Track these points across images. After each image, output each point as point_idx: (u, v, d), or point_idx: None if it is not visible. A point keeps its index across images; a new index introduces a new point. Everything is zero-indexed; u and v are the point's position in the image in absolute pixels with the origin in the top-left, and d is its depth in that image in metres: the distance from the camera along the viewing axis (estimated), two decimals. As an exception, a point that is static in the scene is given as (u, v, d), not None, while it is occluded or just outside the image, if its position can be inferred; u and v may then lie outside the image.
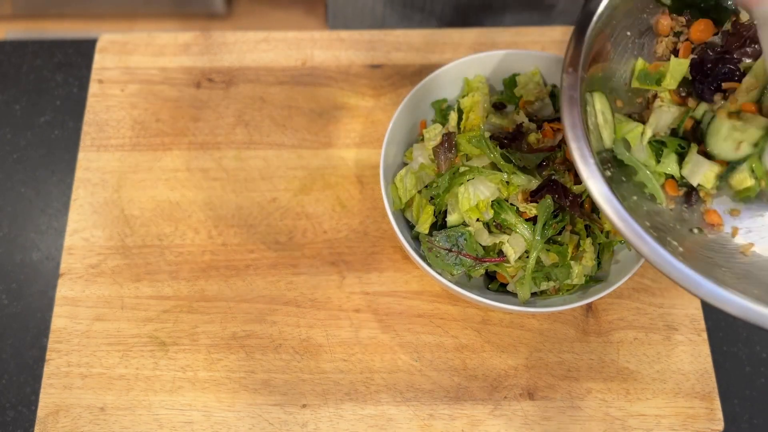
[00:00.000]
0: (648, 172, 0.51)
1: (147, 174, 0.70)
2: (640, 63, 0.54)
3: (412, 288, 0.65)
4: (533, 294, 0.60)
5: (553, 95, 0.65)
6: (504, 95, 0.66)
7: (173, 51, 0.75)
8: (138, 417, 0.60)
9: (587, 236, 0.60)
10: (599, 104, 0.52)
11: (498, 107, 0.65)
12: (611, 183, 0.45)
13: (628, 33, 0.53)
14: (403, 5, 0.83)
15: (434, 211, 0.60)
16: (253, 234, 0.67)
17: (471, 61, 0.65)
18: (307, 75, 0.74)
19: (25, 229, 0.70)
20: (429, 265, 0.58)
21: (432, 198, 0.60)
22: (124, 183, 0.69)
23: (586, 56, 0.47)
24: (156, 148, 0.71)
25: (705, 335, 0.63)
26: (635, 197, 0.50)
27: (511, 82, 0.66)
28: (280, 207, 0.68)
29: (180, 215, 0.68)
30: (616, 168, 0.51)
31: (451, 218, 0.59)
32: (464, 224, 0.59)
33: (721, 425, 0.60)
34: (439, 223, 0.60)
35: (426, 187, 0.61)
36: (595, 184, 0.45)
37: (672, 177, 0.53)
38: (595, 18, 0.48)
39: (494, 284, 0.62)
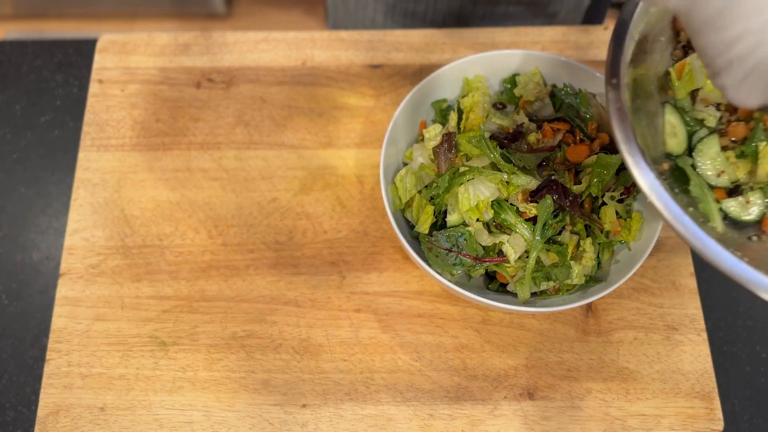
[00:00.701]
0: (706, 191, 0.51)
1: (147, 174, 0.70)
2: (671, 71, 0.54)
3: (412, 288, 0.65)
4: (533, 294, 0.60)
5: (553, 95, 0.65)
6: (504, 95, 0.66)
7: (173, 51, 0.75)
8: (138, 417, 0.60)
9: (587, 236, 0.60)
10: (670, 116, 0.53)
11: (498, 107, 0.65)
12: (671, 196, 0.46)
13: (662, 38, 0.54)
14: (403, 15, 0.83)
15: (434, 211, 0.60)
16: (253, 234, 0.67)
17: (471, 61, 0.65)
18: (307, 75, 0.74)
19: (25, 229, 0.70)
20: (429, 265, 0.58)
21: (432, 198, 0.60)
22: (124, 183, 0.69)
23: (626, 64, 0.49)
24: (156, 148, 0.71)
25: (705, 335, 0.63)
26: (691, 209, 0.50)
27: (511, 82, 0.66)
28: (280, 207, 0.68)
29: (180, 215, 0.68)
30: (671, 179, 0.52)
31: (451, 218, 0.59)
32: (464, 224, 0.59)
33: (721, 425, 0.60)
34: (439, 223, 0.60)
35: (426, 187, 0.61)
36: (659, 201, 0.45)
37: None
38: (630, 25, 0.49)
39: (494, 284, 0.62)
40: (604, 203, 0.60)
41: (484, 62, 0.65)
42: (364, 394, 0.61)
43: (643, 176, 0.45)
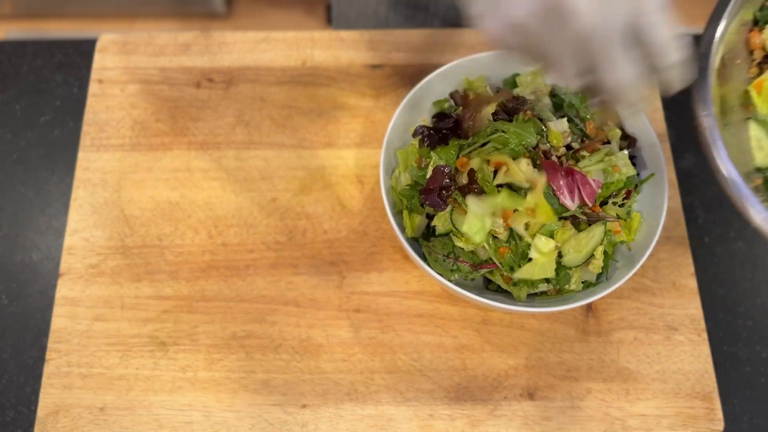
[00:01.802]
0: None
1: (147, 174, 0.70)
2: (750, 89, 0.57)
3: (412, 288, 0.65)
4: (533, 294, 0.60)
5: (554, 95, 0.65)
6: (504, 95, 0.66)
7: (173, 51, 0.75)
8: (138, 417, 0.60)
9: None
10: (755, 131, 0.56)
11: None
12: None
13: (738, 60, 0.57)
14: (405, 6, 0.83)
15: (420, 219, 0.60)
16: (253, 234, 0.67)
17: (471, 61, 0.65)
18: (307, 75, 0.74)
19: (25, 229, 0.70)
20: (429, 265, 0.58)
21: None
22: (124, 183, 0.69)
23: (713, 96, 0.52)
24: (156, 148, 0.71)
25: (705, 335, 0.63)
26: None
27: (511, 82, 0.66)
28: (280, 207, 0.68)
29: (180, 215, 0.68)
30: (764, 192, 0.54)
31: (439, 228, 0.59)
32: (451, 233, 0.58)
33: (721, 425, 0.60)
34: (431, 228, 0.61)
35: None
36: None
37: None
38: (711, 57, 0.52)
39: (494, 284, 0.61)
40: (604, 202, 0.59)
41: (485, 62, 0.65)
42: (364, 394, 0.61)
43: (748, 204, 0.49)
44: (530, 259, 0.55)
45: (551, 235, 0.55)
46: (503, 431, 0.60)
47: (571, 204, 0.54)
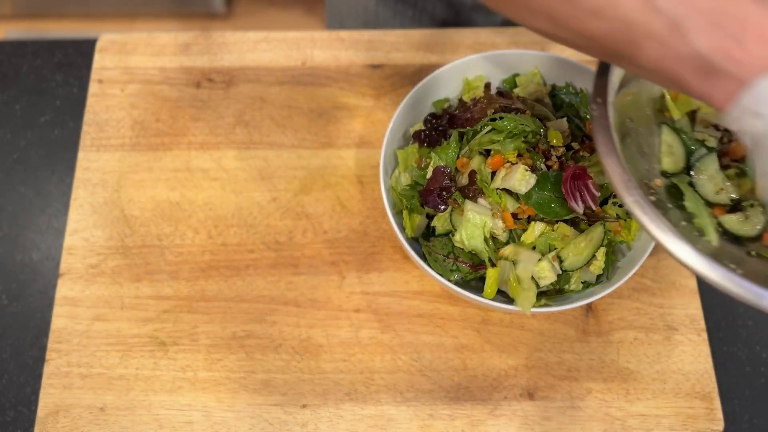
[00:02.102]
0: (701, 206, 0.51)
1: (147, 174, 0.70)
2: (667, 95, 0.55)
3: (412, 288, 0.65)
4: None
5: (554, 95, 0.65)
6: (504, 95, 0.66)
7: (173, 51, 0.75)
8: (138, 417, 0.60)
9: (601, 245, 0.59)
10: (667, 136, 0.54)
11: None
12: (657, 207, 0.44)
13: None
14: (394, 1, 0.82)
15: (420, 219, 0.60)
16: (253, 234, 0.67)
17: (471, 61, 0.65)
18: (307, 75, 0.74)
19: (25, 229, 0.70)
20: (429, 265, 0.58)
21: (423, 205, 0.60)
22: (124, 183, 0.69)
23: (613, 86, 0.48)
24: (156, 148, 0.71)
25: (705, 335, 0.63)
26: (684, 223, 0.50)
27: (511, 82, 0.66)
28: (280, 207, 0.68)
29: (180, 215, 0.68)
30: (666, 195, 0.52)
31: (438, 228, 0.59)
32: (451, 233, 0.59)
33: (721, 425, 0.60)
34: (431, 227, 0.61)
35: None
36: (637, 207, 0.43)
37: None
38: None
39: (494, 284, 0.62)
40: (604, 202, 0.59)
41: (484, 62, 0.65)
42: (364, 394, 0.61)
43: (626, 190, 0.44)
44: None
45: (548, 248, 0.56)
46: (503, 431, 0.60)
47: (578, 208, 0.55)
